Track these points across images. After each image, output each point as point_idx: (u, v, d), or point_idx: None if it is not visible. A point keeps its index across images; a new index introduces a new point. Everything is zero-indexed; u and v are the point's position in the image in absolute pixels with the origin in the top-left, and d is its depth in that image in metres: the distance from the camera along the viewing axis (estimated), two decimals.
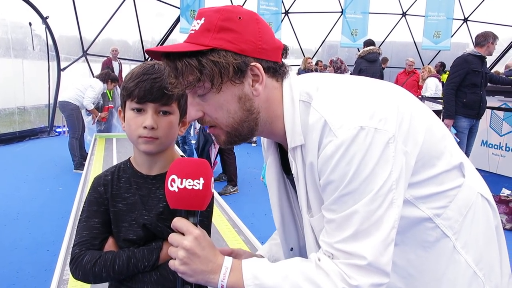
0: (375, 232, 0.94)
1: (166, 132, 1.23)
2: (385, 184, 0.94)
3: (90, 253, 1.22)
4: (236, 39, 0.99)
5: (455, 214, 1.09)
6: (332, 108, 0.99)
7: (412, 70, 10.49)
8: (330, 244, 0.99)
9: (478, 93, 5.54)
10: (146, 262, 1.22)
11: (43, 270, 3.55)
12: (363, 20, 14.36)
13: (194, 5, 12.60)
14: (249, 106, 1.05)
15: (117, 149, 5.36)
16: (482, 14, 14.38)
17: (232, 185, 5.95)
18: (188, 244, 0.99)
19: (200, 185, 0.99)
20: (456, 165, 1.09)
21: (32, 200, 5.41)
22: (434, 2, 14.07)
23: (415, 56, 13.61)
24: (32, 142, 9.48)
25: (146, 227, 1.25)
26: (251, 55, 1.01)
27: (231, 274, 1.01)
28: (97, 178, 1.35)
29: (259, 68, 1.02)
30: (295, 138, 1.06)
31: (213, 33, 0.98)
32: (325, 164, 0.97)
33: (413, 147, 1.00)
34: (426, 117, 1.09)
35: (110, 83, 7.26)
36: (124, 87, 1.23)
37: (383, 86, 1.10)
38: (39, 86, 10.23)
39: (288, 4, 14.74)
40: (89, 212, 1.29)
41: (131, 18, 12.30)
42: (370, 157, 0.93)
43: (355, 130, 0.93)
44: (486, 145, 7.32)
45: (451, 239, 1.09)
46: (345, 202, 0.96)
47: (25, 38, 9.95)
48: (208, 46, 0.97)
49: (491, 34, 5.46)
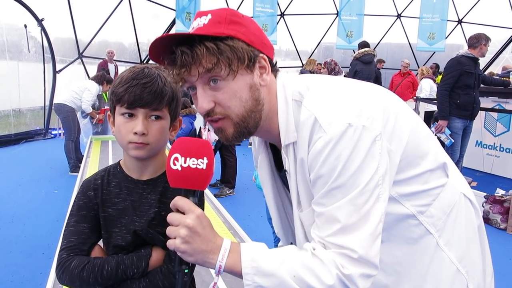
0: (363, 226, 0.97)
1: (157, 137, 1.21)
2: (372, 179, 0.98)
3: (78, 258, 1.20)
4: (245, 31, 1.05)
5: (438, 212, 1.13)
6: (322, 106, 1.03)
7: (407, 71, 10.54)
8: (321, 237, 1.02)
9: (471, 94, 5.58)
10: (135, 268, 1.20)
11: (38, 274, 3.55)
12: (359, 22, 14.39)
13: (190, 7, 12.60)
14: (257, 95, 1.08)
15: (113, 151, 5.36)
16: (476, 15, 14.45)
17: (228, 187, 5.95)
18: (190, 222, 0.99)
19: (204, 165, 1.00)
20: (440, 165, 1.14)
21: (28, 202, 5.41)
22: (428, 4, 14.13)
23: (410, 57, 13.66)
24: (27, 145, 9.46)
25: (136, 233, 1.23)
26: (257, 48, 1.08)
27: (229, 255, 1.01)
28: (87, 182, 1.32)
29: (266, 59, 1.09)
30: (289, 135, 1.10)
31: (225, 25, 1.03)
32: (315, 159, 1.01)
33: (397, 146, 1.05)
34: (411, 118, 1.13)
35: (106, 84, 7.25)
36: (113, 92, 1.21)
37: (370, 88, 1.14)
38: (35, 88, 10.21)
39: (284, 6, 14.75)
40: (78, 217, 1.26)
41: (127, 20, 12.28)
42: (358, 153, 0.97)
43: (344, 127, 0.97)
44: (481, 146, 7.36)
45: (434, 236, 1.13)
46: (333, 196, 0.99)
47: (20, 40, 9.93)
48: (224, 34, 1.02)
49: (484, 36, 5.49)
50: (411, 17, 14.81)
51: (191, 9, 12.62)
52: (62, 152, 6.95)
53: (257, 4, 13.86)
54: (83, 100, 6.88)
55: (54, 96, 10.11)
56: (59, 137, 10.29)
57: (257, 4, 13.86)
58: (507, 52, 14.90)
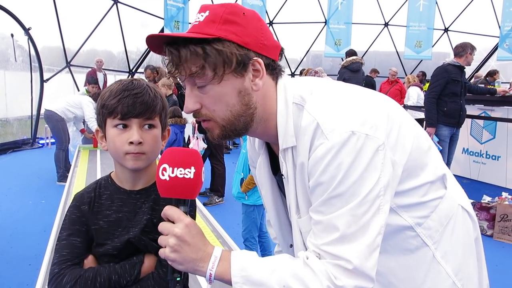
0: (361, 237, 0.95)
1: (152, 146, 1.22)
2: (373, 190, 0.95)
3: (70, 272, 1.19)
4: (240, 32, 1.01)
5: (436, 224, 1.11)
6: (325, 112, 1.01)
7: (395, 79, 10.63)
8: (317, 245, 1.00)
9: (458, 102, 5.66)
10: (128, 277, 1.20)
11: (24, 285, 3.50)
12: (347, 31, 14.53)
13: (178, 16, 12.62)
14: (247, 100, 1.06)
15: (101, 160, 5.31)
16: (462, 24, 14.69)
17: (217, 195, 5.93)
18: (179, 231, 1.00)
19: (191, 174, 1.01)
20: (439, 177, 1.12)
21: (14, 213, 5.34)
22: (415, 12, 14.32)
23: (397, 65, 13.81)
24: (14, 154, 9.36)
25: (128, 241, 1.23)
26: (253, 49, 1.03)
27: (219, 263, 1.02)
28: (79, 196, 1.31)
29: (261, 63, 1.05)
30: (287, 140, 1.08)
31: (218, 24, 1.00)
32: (315, 165, 0.99)
33: (401, 156, 1.03)
34: (413, 128, 1.11)
35: None
36: (104, 105, 1.21)
37: (374, 95, 1.12)
38: (22, 97, 10.13)
39: (273, 14, 14.85)
40: (70, 230, 1.25)
41: (115, 29, 12.25)
42: (360, 162, 0.95)
43: (347, 135, 0.95)
44: (467, 153, 7.44)
45: (430, 248, 1.11)
46: (333, 205, 0.97)
47: (7, 49, 9.86)
48: (213, 35, 0.99)
49: (469, 45, 5.58)
50: (398, 26, 15.01)
51: (179, 17, 12.65)
52: (49, 162, 6.88)
53: None
54: (88, 118, 6.79)
55: (41, 105, 10.04)
56: (47, 146, 10.21)
57: None
58: (493, 60, 15.14)
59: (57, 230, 2.71)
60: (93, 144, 6.52)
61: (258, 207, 3.68)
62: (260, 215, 3.73)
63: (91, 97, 7.05)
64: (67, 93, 10.60)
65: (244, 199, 3.68)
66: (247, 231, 3.69)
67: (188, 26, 11.49)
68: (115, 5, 11.74)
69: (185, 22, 12.87)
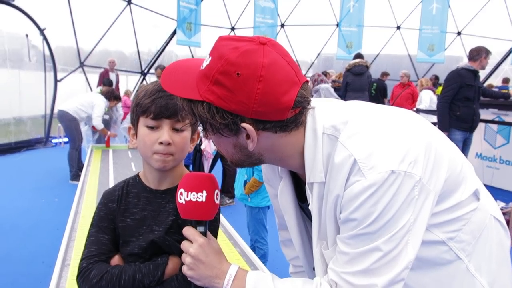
0: (387, 273, 0.95)
1: (180, 148, 1.26)
2: (403, 227, 0.94)
3: (97, 267, 1.24)
4: (227, 97, 0.92)
5: (469, 237, 1.08)
6: (363, 147, 0.96)
7: (408, 82, 10.54)
8: (337, 273, 1.00)
9: (471, 106, 5.62)
10: (152, 277, 1.23)
11: (38, 282, 3.54)
12: (358, 33, 14.50)
13: (191, 17, 12.69)
14: (247, 152, 1.04)
15: (114, 160, 5.36)
16: (476, 27, 14.56)
17: (228, 196, 5.94)
18: (193, 251, 1.07)
19: (203, 198, 1.09)
20: (472, 194, 1.10)
21: (28, 211, 5.40)
22: (428, 15, 14.25)
23: (409, 68, 13.73)
24: (28, 153, 9.46)
25: (153, 241, 1.27)
26: (244, 115, 0.94)
27: (234, 281, 1.07)
28: (108, 193, 1.36)
29: (250, 129, 0.95)
30: (315, 174, 1.05)
31: (209, 84, 0.93)
32: (349, 201, 0.96)
33: (435, 185, 0.99)
34: (448, 150, 1.07)
35: (113, 100, 7.26)
36: (138, 103, 1.25)
37: (412, 121, 1.07)
38: (36, 96, 10.22)
39: (284, 16, 14.86)
40: (99, 227, 1.30)
41: (128, 30, 12.36)
42: (396, 201, 0.93)
43: (386, 174, 0.92)
44: (481, 158, 7.37)
45: (464, 261, 1.08)
46: (362, 240, 0.96)
47: (21, 49, 9.97)
48: (201, 97, 0.94)
49: (484, 49, 5.54)
50: (410, 29, 14.93)
51: (191, 19, 12.72)
52: (62, 161, 6.94)
53: (257, 14, 13.98)
54: (94, 117, 6.80)
55: (55, 104, 10.17)
56: (60, 145, 10.31)
57: (258, 14, 13.99)
58: (507, 64, 15.00)
59: (70, 229, 2.74)
60: (106, 144, 6.57)
61: (262, 208, 3.68)
62: (266, 216, 3.73)
63: (103, 95, 7.12)
64: (80, 93, 10.72)
65: (246, 200, 3.69)
66: (255, 233, 3.69)
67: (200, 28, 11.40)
68: (128, 6, 11.84)
69: (197, 23, 12.93)
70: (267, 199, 3.70)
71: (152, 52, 14.03)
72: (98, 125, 6.85)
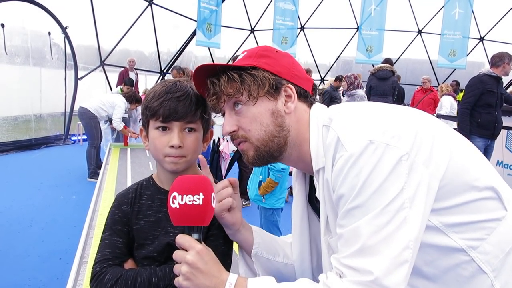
0: (384, 249, 0.89)
1: (192, 149, 1.23)
2: (395, 200, 0.90)
3: (112, 271, 1.21)
4: (273, 63, 1.14)
5: (495, 249, 1.00)
6: (346, 125, 1.01)
7: (430, 87, 10.35)
8: (338, 259, 0.96)
9: (493, 113, 5.52)
10: (168, 280, 1.19)
11: (55, 279, 3.59)
12: (379, 37, 14.38)
13: (211, 18, 12.75)
14: (280, 121, 1.12)
15: (131, 159, 5.39)
16: (499, 33, 14.34)
17: (244, 198, 5.92)
18: (190, 258, 1.00)
19: (200, 200, 1.01)
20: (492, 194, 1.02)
21: (46, 207, 5.47)
22: (450, 20, 14.07)
23: (430, 73, 13.60)
24: (47, 150, 9.61)
25: (169, 244, 1.23)
26: (285, 78, 1.14)
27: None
28: (121, 196, 1.34)
29: (292, 88, 1.14)
30: (318, 161, 1.09)
31: (254, 58, 1.14)
32: (336, 178, 0.97)
33: (435, 170, 0.95)
34: (453, 142, 1.04)
35: (134, 103, 7.30)
36: (147, 106, 1.23)
37: (405, 112, 1.07)
38: (56, 94, 10.37)
39: (304, 19, 14.83)
40: (112, 231, 1.27)
41: (148, 30, 12.48)
42: (379, 171, 0.91)
43: (364, 143, 0.93)
44: (502, 166, 7.23)
45: (489, 276, 1.00)
46: (353, 216, 0.94)
47: (44, 47, 10.13)
48: (249, 65, 1.12)
49: (507, 54, 5.45)
50: (432, 34, 14.77)
51: (212, 20, 12.78)
52: (81, 158, 7.02)
53: (277, 17, 13.98)
54: (114, 118, 6.88)
55: (75, 102, 10.31)
56: (79, 143, 10.44)
57: (278, 17, 13.99)
58: None
59: (88, 226, 2.76)
60: (124, 142, 6.61)
61: (276, 210, 3.66)
62: (280, 218, 3.71)
63: (125, 97, 7.17)
64: (100, 91, 10.86)
65: (261, 202, 3.68)
66: None
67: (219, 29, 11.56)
68: (149, 6, 11.94)
69: (217, 24, 12.99)
70: (281, 201, 3.69)
71: (171, 52, 14.14)
72: (118, 126, 6.91)
